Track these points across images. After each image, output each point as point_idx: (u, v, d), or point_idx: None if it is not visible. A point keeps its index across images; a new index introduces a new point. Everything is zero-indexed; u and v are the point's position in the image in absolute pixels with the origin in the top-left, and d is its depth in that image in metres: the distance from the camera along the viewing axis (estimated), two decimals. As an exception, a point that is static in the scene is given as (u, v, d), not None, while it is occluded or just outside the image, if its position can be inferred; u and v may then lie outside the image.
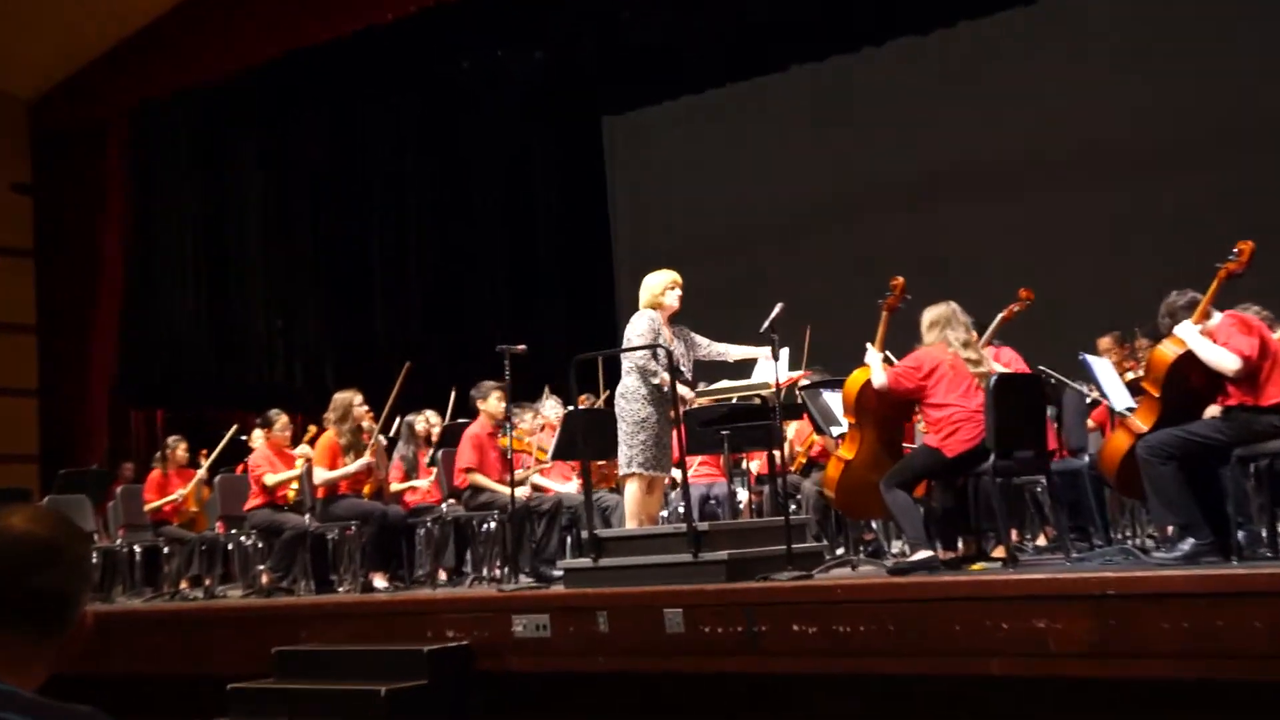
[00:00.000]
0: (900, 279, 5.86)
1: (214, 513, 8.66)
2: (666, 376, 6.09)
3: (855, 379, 5.80)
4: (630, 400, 6.10)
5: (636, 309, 6.38)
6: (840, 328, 11.85)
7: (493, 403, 7.71)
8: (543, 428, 8.25)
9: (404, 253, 14.42)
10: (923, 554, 5.37)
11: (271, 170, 13.46)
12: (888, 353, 5.94)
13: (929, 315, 5.69)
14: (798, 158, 13.31)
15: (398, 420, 8.67)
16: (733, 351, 6.31)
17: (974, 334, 5.75)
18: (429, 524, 7.91)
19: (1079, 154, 11.74)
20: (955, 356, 5.57)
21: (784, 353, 6.01)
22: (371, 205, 14.19)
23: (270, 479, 7.87)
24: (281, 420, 8.17)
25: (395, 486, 8.15)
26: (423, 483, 8.13)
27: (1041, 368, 6.36)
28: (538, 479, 7.95)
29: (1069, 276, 10.93)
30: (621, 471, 6.15)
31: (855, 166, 12.92)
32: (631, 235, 14.84)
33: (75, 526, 1.77)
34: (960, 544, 5.70)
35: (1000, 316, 6.30)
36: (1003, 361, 6.14)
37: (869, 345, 5.77)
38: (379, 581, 7.39)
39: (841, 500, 5.95)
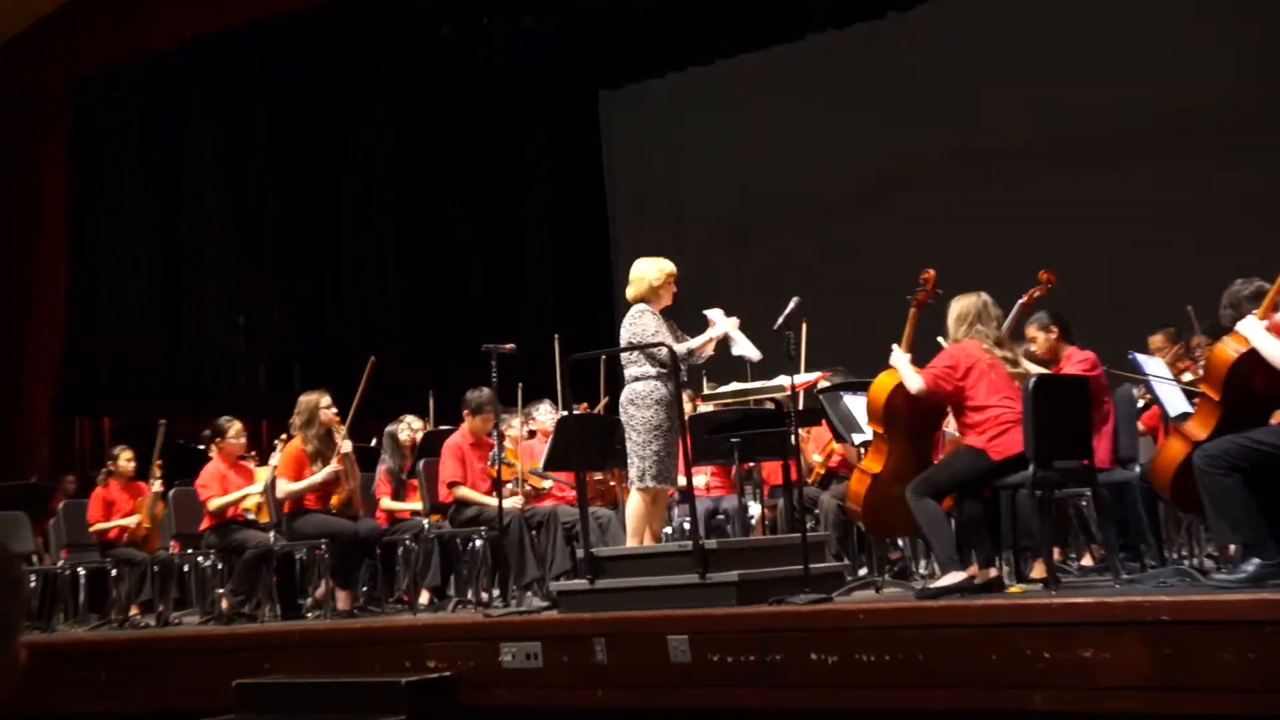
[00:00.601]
0: (931, 272, 5.81)
1: (168, 530, 8.64)
2: (713, 340, 6.10)
3: (882, 383, 5.76)
4: (641, 407, 6.08)
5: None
6: (863, 323, 11.90)
7: (479, 422, 7.71)
8: (532, 434, 8.23)
9: (379, 242, 14.41)
10: (954, 576, 5.34)
11: (231, 149, 13.44)
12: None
13: (957, 308, 5.64)
14: (814, 136, 13.28)
15: (373, 437, 8.63)
16: (699, 348, 6.24)
17: (1005, 331, 5.70)
18: (408, 541, 7.89)
19: (1130, 131, 11.71)
20: (991, 354, 5.52)
21: (733, 322, 6.07)
22: (343, 189, 14.17)
23: (215, 503, 7.83)
24: (234, 428, 8.13)
25: (387, 504, 8.13)
26: (417, 505, 8.09)
27: (1111, 369, 6.31)
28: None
29: (1117, 265, 10.93)
30: (634, 486, 6.13)
31: (879, 145, 12.90)
32: (631, 222, 14.83)
33: (5, 548, 1.75)
34: (996, 564, 5.69)
35: (1020, 303, 6.28)
36: (1074, 363, 6.09)
37: (895, 346, 5.74)
38: (344, 603, 7.38)
39: (867, 517, 5.92)
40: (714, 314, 6.25)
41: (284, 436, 8.13)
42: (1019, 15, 12.30)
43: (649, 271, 6.29)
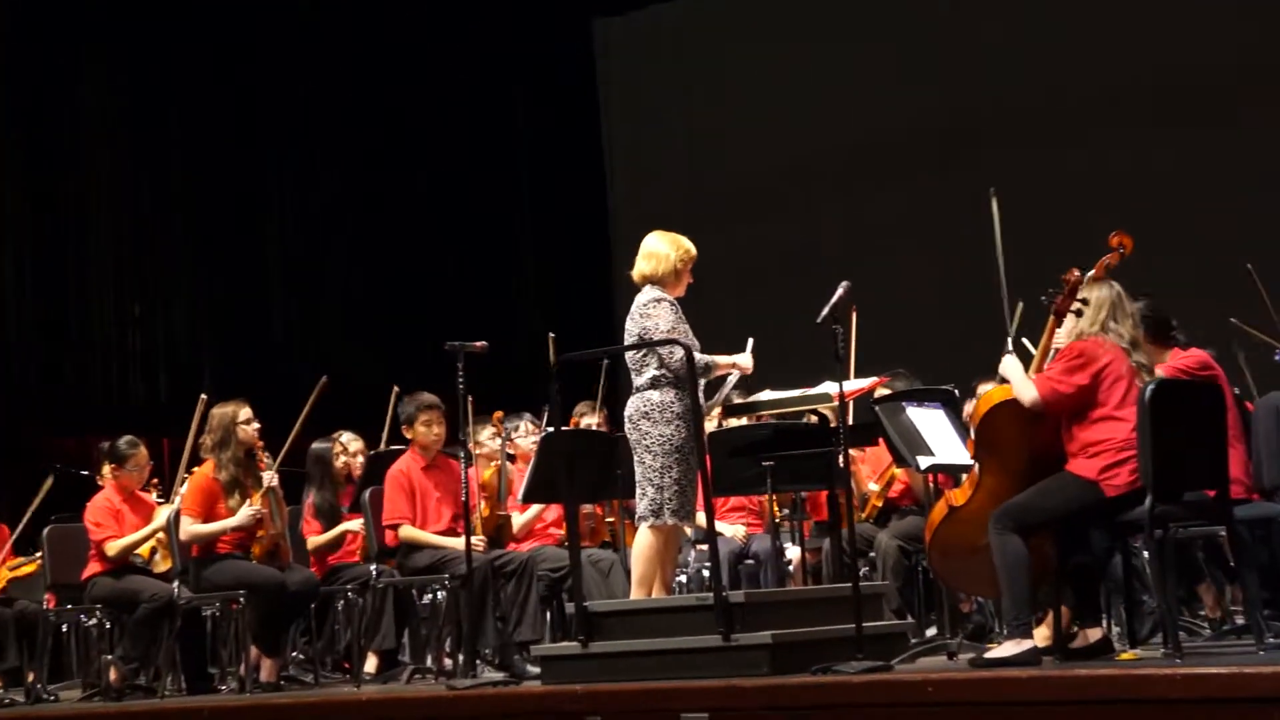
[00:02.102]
0: (1075, 272, 5.76)
1: (41, 580, 8.60)
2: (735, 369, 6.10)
3: (987, 397, 5.79)
4: (659, 422, 6.08)
5: (635, 285, 6.38)
6: (927, 315, 11.88)
7: (420, 429, 7.71)
8: (512, 459, 8.23)
9: (319, 210, 14.35)
10: (1019, 644, 5.35)
11: (131, 88, 13.36)
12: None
13: (1081, 295, 5.65)
14: (865, 78, 13.24)
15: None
16: (719, 369, 6.31)
17: (1141, 331, 5.72)
18: (350, 593, 7.88)
19: (1231, 81, 11.67)
20: (1124, 355, 5.53)
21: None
22: (273, 143, 14.13)
23: (115, 546, 7.81)
24: (138, 455, 8.12)
25: (315, 541, 8.13)
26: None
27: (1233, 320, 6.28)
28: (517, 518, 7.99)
29: (1251, 238, 10.90)
30: (647, 522, 6.13)
31: (946, 88, 12.86)
32: (633, 183, 14.79)
33: None
34: (1103, 623, 5.68)
35: (1089, 277, 6.26)
36: (1176, 361, 6.08)
37: (1008, 354, 5.76)
38: (268, 673, 7.38)
39: (935, 557, 5.94)
40: (750, 348, 6.37)
41: (189, 471, 8.09)
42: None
43: (668, 249, 6.31)
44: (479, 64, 14.76)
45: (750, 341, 6.37)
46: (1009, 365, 5.72)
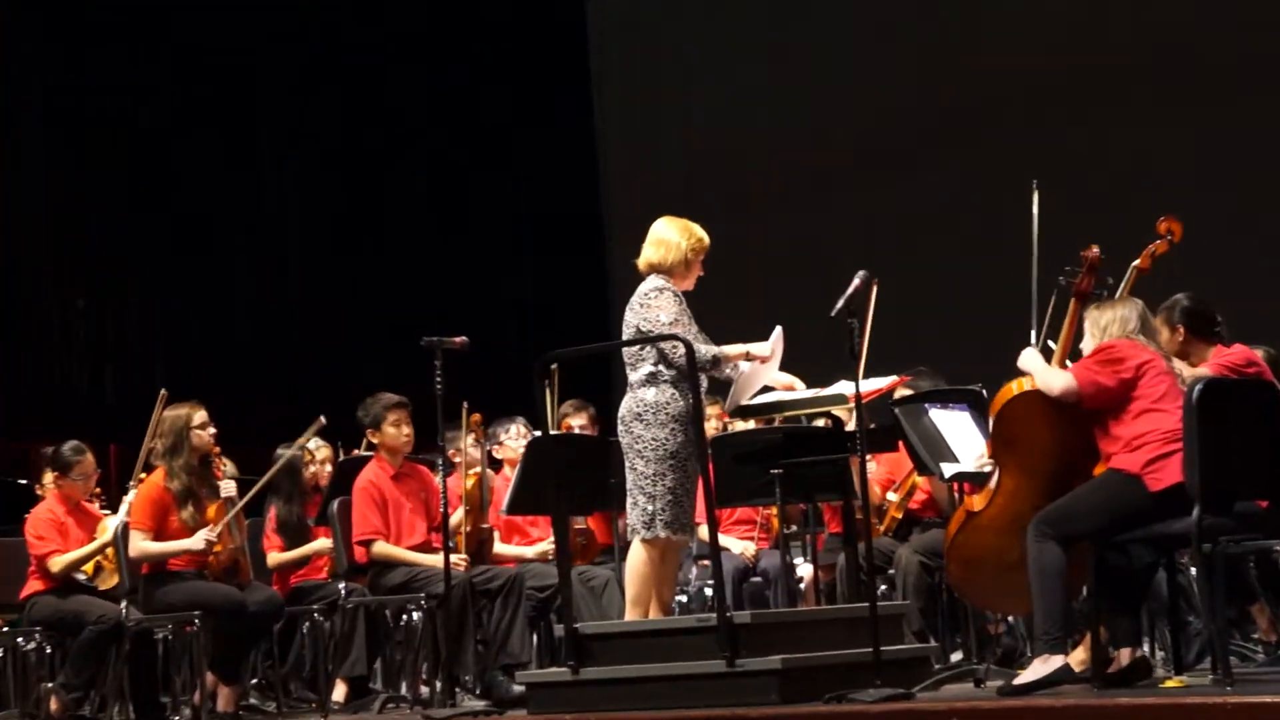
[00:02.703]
0: (1094, 249, 5.86)
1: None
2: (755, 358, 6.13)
3: (1004, 392, 5.82)
4: (653, 424, 6.07)
5: (634, 278, 6.36)
6: (951, 310, 11.87)
7: (390, 430, 7.70)
8: (498, 465, 8.22)
9: (286, 195, 14.32)
10: (1049, 663, 5.36)
11: (76, 52, 13.32)
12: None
13: (1106, 314, 5.72)
14: (885, 51, 13.26)
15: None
16: (731, 358, 6.31)
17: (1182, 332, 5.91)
18: (316, 614, 7.86)
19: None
20: (1161, 356, 5.62)
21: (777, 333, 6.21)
22: (237, 118, 14.10)
23: (59, 562, 7.78)
24: (84, 462, 8.08)
25: (277, 559, 8.11)
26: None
27: None
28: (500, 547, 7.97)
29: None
30: (638, 536, 6.11)
31: (977, 61, 12.87)
32: (629, 169, 14.79)
33: None
34: (1141, 644, 5.69)
35: (1134, 266, 6.33)
36: (1216, 360, 6.09)
37: (1027, 348, 5.81)
38: (225, 703, 7.35)
39: (953, 568, 5.95)
40: (777, 334, 6.34)
41: (141, 477, 8.06)
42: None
43: (678, 237, 6.30)
44: (466, 44, 14.75)
45: (778, 329, 6.32)
46: (1029, 356, 5.77)
